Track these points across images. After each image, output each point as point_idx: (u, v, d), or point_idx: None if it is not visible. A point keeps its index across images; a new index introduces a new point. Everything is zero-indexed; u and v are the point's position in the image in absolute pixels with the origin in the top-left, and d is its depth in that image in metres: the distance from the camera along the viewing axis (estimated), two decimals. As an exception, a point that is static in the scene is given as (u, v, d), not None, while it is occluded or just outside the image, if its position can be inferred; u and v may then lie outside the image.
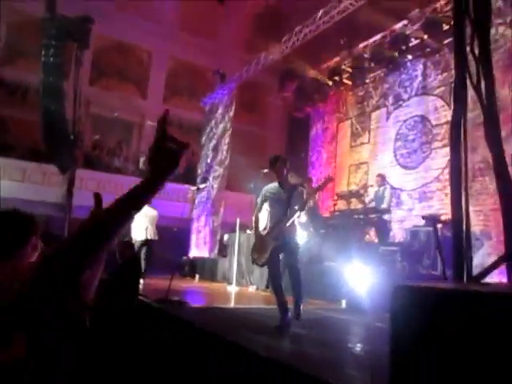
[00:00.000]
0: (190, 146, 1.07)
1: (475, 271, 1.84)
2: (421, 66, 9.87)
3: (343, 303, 5.80)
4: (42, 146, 10.63)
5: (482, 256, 5.87)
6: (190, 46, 14.53)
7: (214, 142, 12.02)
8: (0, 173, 10.41)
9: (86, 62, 11.18)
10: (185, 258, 10.98)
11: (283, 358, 2.59)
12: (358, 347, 3.43)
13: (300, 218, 4.36)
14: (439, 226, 3.94)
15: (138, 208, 1.03)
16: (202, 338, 3.38)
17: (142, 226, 8.10)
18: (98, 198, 1.22)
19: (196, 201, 12.13)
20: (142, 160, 13.57)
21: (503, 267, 1.98)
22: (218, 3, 14.54)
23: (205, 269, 10.36)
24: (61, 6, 9.43)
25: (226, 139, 11.52)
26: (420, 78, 9.88)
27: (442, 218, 5.80)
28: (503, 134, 2.19)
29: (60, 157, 9.88)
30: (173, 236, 11.43)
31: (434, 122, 9.34)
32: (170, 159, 1.05)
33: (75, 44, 9.79)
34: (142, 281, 6.78)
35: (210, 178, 11.53)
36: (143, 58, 15.30)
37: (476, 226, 6.48)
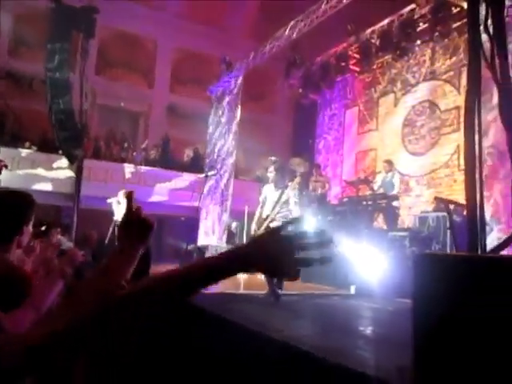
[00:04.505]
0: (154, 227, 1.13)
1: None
2: (429, 51, 9.77)
3: (352, 289, 5.82)
4: (50, 136, 10.72)
5: (492, 241, 5.85)
6: (195, 35, 14.45)
7: (221, 130, 12.01)
8: (11, 164, 10.52)
9: (92, 52, 11.18)
10: (193, 245, 11.03)
11: (294, 342, 2.61)
12: (369, 330, 3.45)
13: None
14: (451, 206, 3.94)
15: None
16: (211, 323, 3.41)
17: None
18: (130, 197, 1.13)
19: (204, 189, 12.15)
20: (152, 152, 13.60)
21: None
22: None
23: (213, 257, 10.42)
24: (66, -5, 9.47)
25: (234, 128, 11.50)
26: (428, 63, 9.78)
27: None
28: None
29: (68, 147, 9.96)
30: (181, 224, 11.49)
31: (442, 108, 9.27)
32: (140, 233, 1.10)
33: (81, 34, 9.83)
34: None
35: (218, 167, 11.53)
36: (149, 48, 15.26)
37: (486, 212, 6.46)
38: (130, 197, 1.12)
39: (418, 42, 9.75)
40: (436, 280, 0.76)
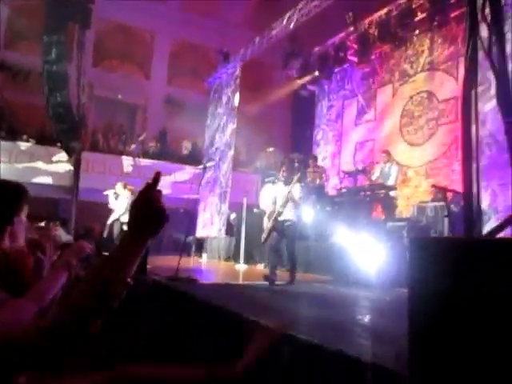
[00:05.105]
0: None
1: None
2: (427, 41, 9.73)
3: (350, 279, 5.84)
4: (48, 129, 10.68)
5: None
6: (192, 26, 14.37)
7: (219, 121, 11.98)
8: (9, 157, 10.50)
9: (89, 43, 11.11)
10: (191, 237, 11.05)
11: (293, 330, 2.63)
12: (367, 319, 3.47)
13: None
14: (449, 195, 3.95)
15: (128, 273, 0.93)
16: (210, 313, 3.43)
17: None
18: (158, 177, 1.00)
19: (202, 181, 12.14)
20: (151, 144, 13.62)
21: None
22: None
23: (212, 248, 10.45)
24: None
25: (232, 119, 11.47)
26: (427, 53, 9.75)
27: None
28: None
29: (66, 139, 9.94)
30: (180, 216, 11.49)
31: (440, 98, 9.25)
32: (156, 220, 0.94)
33: (76, 25, 9.76)
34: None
35: (217, 158, 11.52)
36: (146, 39, 15.16)
37: (483, 201, 6.46)
38: (157, 177, 0.99)
39: (417, 31, 9.72)
40: (431, 264, 0.77)
